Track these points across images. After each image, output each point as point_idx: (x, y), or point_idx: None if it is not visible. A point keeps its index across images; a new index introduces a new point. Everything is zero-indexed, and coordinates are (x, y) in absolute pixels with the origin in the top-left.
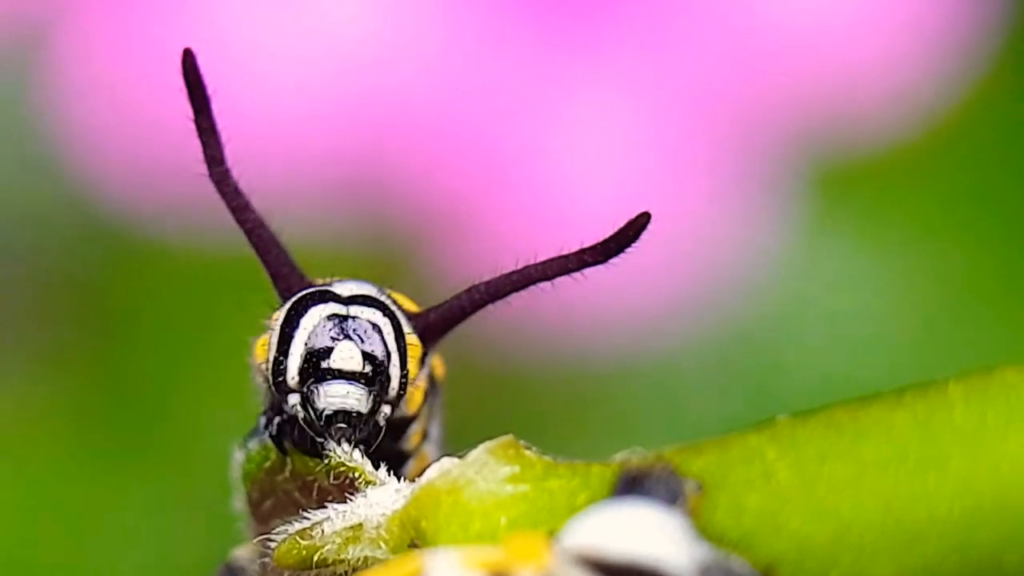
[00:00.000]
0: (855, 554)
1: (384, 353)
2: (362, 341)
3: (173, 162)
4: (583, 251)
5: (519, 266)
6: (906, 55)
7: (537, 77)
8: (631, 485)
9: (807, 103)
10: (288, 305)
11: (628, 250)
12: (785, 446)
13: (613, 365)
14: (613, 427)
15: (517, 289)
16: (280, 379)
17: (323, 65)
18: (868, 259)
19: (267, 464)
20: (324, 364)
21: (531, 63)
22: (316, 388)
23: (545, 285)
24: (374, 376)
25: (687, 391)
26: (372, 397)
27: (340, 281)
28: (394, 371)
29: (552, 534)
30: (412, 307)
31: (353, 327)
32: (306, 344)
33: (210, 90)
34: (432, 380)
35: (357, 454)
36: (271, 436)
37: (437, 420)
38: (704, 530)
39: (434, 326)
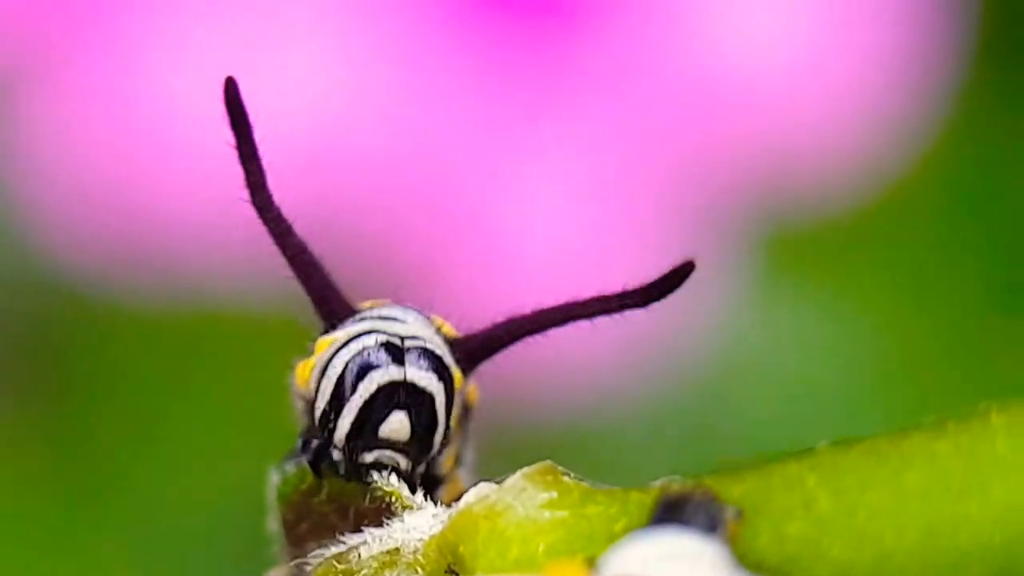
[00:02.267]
0: None
1: (433, 424)
2: (415, 414)
3: (137, 223)
4: (625, 294)
5: (561, 302)
6: (858, 118)
7: (493, 130)
8: (670, 512)
9: (757, 167)
10: (343, 350)
11: (669, 296)
12: (826, 474)
13: (563, 423)
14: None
15: (557, 324)
16: (325, 433)
17: (279, 118)
18: (817, 320)
19: (303, 486)
20: (374, 432)
21: (489, 116)
22: (362, 454)
23: (584, 323)
24: (420, 445)
25: (636, 450)
26: (414, 460)
27: (387, 308)
28: (438, 438)
29: (590, 561)
30: (450, 332)
31: (408, 399)
32: (360, 410)
33: (251, 118)
34: (465, 405)
35: (394, 478)
36: (308, 461)
37: (470, 445)
38: (744, 558)
39: (473, 354)
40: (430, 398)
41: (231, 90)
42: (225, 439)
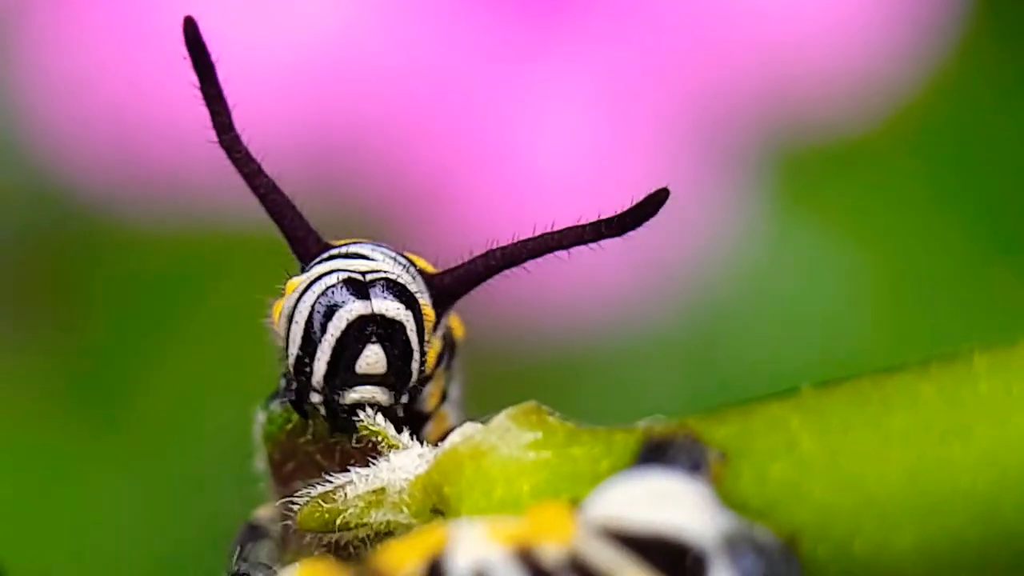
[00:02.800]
0: (878, 523)
1: (407, 352)
2: (387, 344)
3: (142, 142)
4: (600, 222)
5: (535, 233)
6: (864, 46)
7: (508, 60)
8: (654, 453)
9: (770, 92)
10: (307, 293)
11: (644, 224)
12: (809, 415)
13: (577, 349)
14: (576, 411)
15: (533, 256)
16: (303, 377)
17: (300, 45)
18: (818, 248)
19: (289, 426)
20: (350, 369)
21: (502, 47)
22: (341, 392)
23: (561, 254)
24: (397, 375)
25: (650, 374)
26: (394, 393)
27: (356, 245)
28: (415, 366)
29: (575, 502)
30: (428, 268)
31: (379, 330)
32: (333, 350)
33: (213, 57)
34: (450, 341)
35: (380, 418)
36: (291, 401)
37: (456, 381)
38: (727, 498)
39: (449, 289)
40: (400, 327)
41: (191, 31)
42: (230, 364)
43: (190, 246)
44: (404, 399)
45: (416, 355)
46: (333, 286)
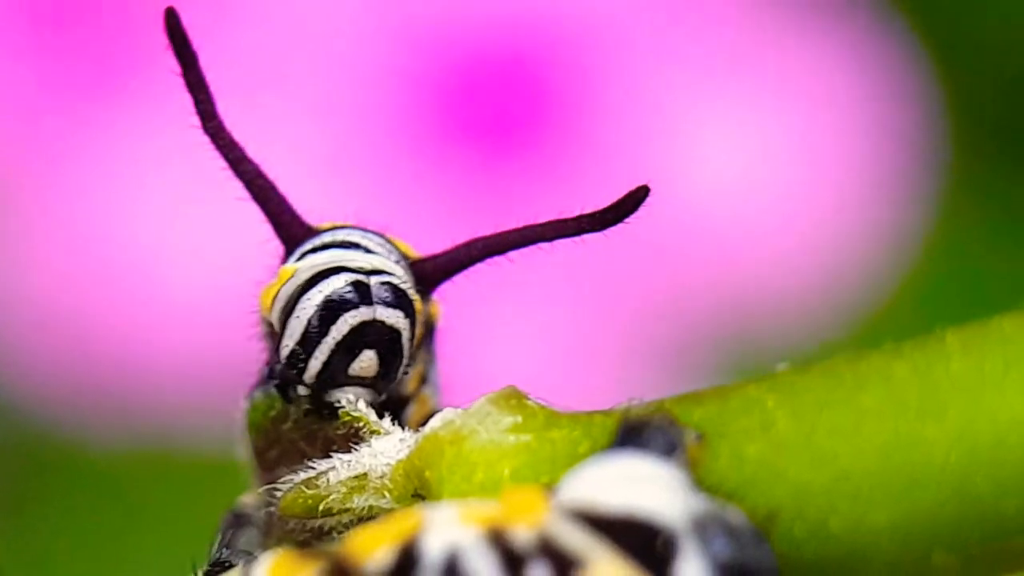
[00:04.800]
0: (853, 501)
1: (399, 358)
2: (383, 350)
3: (100, 362)
4: (582, 217)
5: (520, 225)
6: (828, 258)
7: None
8: (630, 435)
9: (729, 306)
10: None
11: (625, 220)
12: (784, 395)
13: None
14: None
15: (515, 247)
16: (293, 371)
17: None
18: None
19: (272, 413)
20: (342, 371)
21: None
22: (330, 391)
23: (544, 246)
24: (385, 377)
25: None
26: (379, 392)
27: (345, 231)
28: (402, 368)
29: (551, 486)
30: (409, 253)
31: (377, 337)
32: (331, 352)
33: (195, 46)
34: (429, 324)
35: (361, 404)
36: (276, 386)
37: (435, 363)
38: (705, 479)
39: (431, 276)
40: (398, 334)
41: (172, 20)
42: None
43: (140, 465)
44: (388, 392)
45: (406, 359)
46: (340, 289)
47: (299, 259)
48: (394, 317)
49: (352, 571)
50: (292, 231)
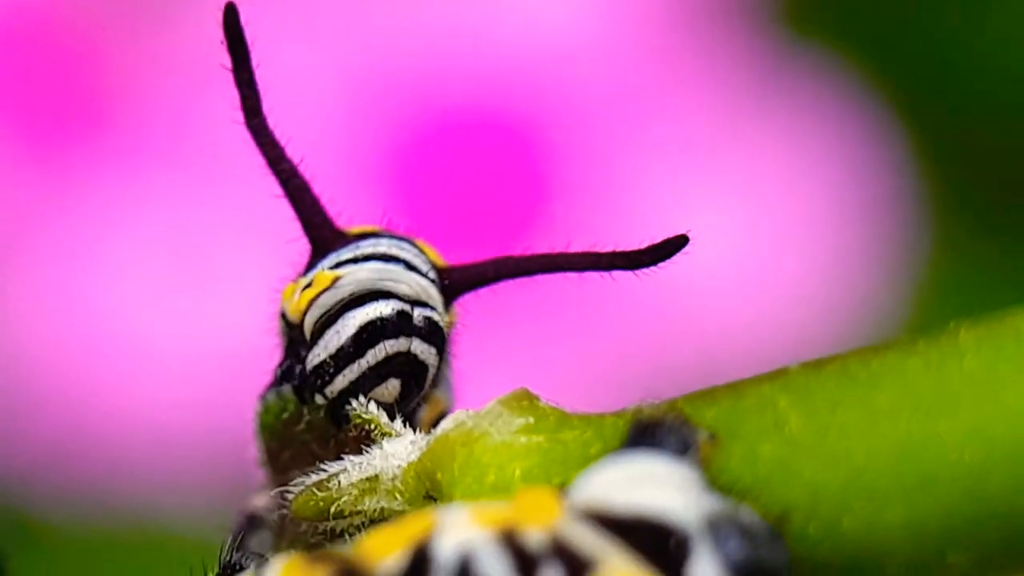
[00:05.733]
0: (867, 500)
1: (421, 387)
2: (408, 382)
3: (80, 440)
4: (616, 254)
5: (552, 250)
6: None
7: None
8: (642, 435)
9: (708, 373)
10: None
11: (660, 265)
12: (797, 394)
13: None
14: None
15: (544, 271)
16: (317, 380)
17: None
18: None
19: (285, 415)
20: (366, 392)
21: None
22: (350, 401)
23: (572, 276)
24: (403, 400)
25: None
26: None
27: (376, 239)
28: (419, 396)
29: (563, 487)
30: (438, 261)
31: (407, 368)
32: (361, 374)
33: (249, 44)
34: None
35: (373, 406)
36: (294, 385)
37: (447, 365)
38: (718, 479)
39: (456, 286)
40: (425, 368)
41: (230, 16)
42: None
43: (116, 545)
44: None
45: (425, 391)
46: (387, 318)
47: (336, 266)
48: (427, 352)
49: (364, 574)
50: (323, 233)
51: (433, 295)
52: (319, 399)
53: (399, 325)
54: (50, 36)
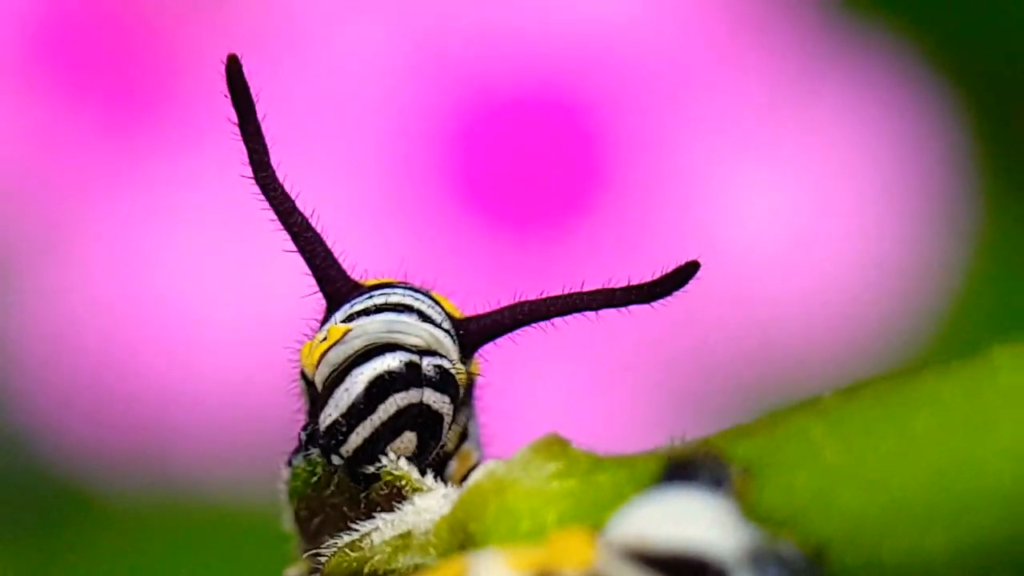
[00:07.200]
0: (906, 527)
1: (438, 439)
2: (423, 432)
3: (129, 413)
4: (631, 288)
5: (566, 291)
6: (860, 297)
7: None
8: (676, 472)
9: (759, 352)
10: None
11: (674, 294)
12: (831, 423)
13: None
14: None
15: (561, 313)
16: (332, 441)
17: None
18: None
19: (313, 480)
20: (381, 449)
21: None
22: (365, 465)
23: (589, 315)
24: (420, 454)
25: None
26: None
27: (391, 289)
28: (437, 447)
29: (598, 528)
30: (455, 312)
31: (420, 420)
32: (374, 431)
33: (254, 96)
34: (468, 380)
35: (403, 462)
36: (322, 447)
37: (475, 419)
38: (753, 512)
39: (474, 337)
40: (440, 418)
41: (233, 68)
42: None
43: (171, 519)
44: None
45: (442, 442)
46: (395, 370)
47: (348, 319)
48: (440, 402)
49: None
50: (337, 286)
51: (446, 345)
52: (335, 459)
53: (408, 377)
54: (113, 10)
